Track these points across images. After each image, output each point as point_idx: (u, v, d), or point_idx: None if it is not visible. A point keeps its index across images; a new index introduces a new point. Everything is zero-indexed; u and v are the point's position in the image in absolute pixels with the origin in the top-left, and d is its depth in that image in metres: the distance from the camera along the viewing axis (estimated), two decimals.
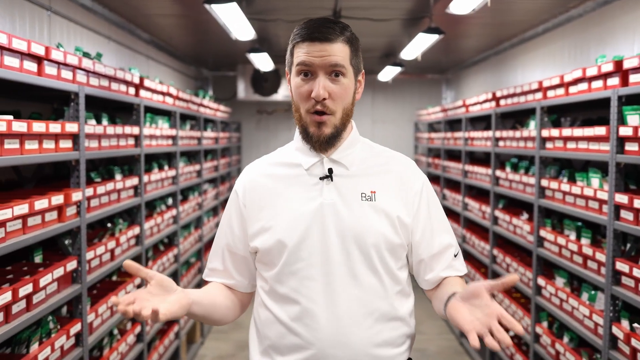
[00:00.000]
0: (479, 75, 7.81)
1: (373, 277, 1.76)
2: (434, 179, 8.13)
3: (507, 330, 1.46)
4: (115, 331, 3.91)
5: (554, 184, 3.93)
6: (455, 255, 1.90)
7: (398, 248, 1.79)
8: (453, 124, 7.25)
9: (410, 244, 1.84)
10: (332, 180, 1.78)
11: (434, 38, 5.40)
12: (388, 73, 8.23)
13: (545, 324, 4.15)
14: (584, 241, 3.64)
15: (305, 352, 1.73)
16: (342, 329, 1.72)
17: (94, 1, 4.68)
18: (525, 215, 4.81)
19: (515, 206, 5.27)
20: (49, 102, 3.82)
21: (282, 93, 8.71)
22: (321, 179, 1.78)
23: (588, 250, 3.48)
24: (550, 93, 4.12)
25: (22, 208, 2.55)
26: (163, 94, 4.82)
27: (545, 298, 4.11)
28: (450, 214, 7.14)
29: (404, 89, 9.77)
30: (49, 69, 2.85)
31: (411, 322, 1.86)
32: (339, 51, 1.72)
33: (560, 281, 3.96)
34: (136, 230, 4.11)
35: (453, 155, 7.33)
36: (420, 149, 9.26)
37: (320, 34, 1.70)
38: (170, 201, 5.27)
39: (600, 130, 3.31)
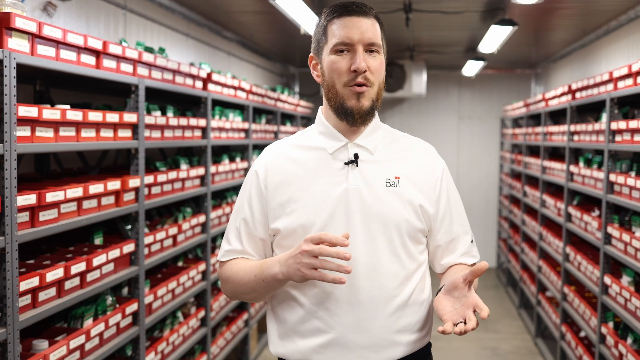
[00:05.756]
0: (567, 69, 7.55)
1: (395, 262, 1.77)
2: (516, 176, 7.93)
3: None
4: (179, 314, 4.09)
5: (620, 179, 3.77)
6: (471, 242, 1.91)
7: (419, 233, 1.82)
8: (536, 119, 7.04)
9: (430, 229, 1.86)
10: (357, 165, 1.80)
11: (507, 30, 5.29)
12: (471, 68, 8.09)
13: (611, 324, 3.99)
14: None
15: (326, 336, 1.75)
16: (363, 314, 1.74)
17: (171, 0, 4.90)
18: (596, 212, 4.64)
19: (590, 203, 5.08)
20: (122, 96, 4.04)
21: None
22: (346, 163, 1.80)
23: None
24: (620, 84, 3.95)
25: (75, 191, 2.74)
26: (234, 88, 4.97)
27: (611, 297, 3.94)
28: (530, 211, 6.96)
29: (492, 85, 9.56)
30: (108, 63, 3.03)
31: (429, 307, 1.87)
32: (374, 26, 1.77)
33: (625, 280, 3.80)
34: (201, 218, 4.28)
35: (535, 151, 7.12)
36: (505, 145, 9.04)
37: (357, 7, 1.77)
38: None
39: None
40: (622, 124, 3.75)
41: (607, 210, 4.04)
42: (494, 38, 5.74)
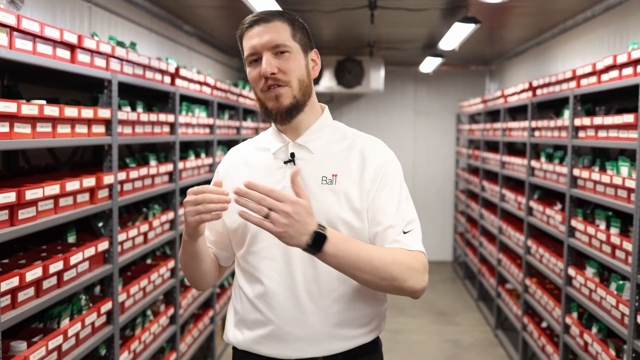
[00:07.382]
0: (522, 66, 7.72)
1: None
2: (473, 170, 8.07)
3: None
4: (149, 312, 4.04)
5: (585, 174, 3.89)
6: (405, 232, 1.81)
7: (359, 231, 1.80)
8: (493, 115, 7.19)
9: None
10: (294, 164, 1.84)
11: (470, 28, 5.38)
12: (429, 64, 8.20)
13: (575, 314, 4.11)
14: (613, 231, 3.60)
15: (266, 328, 1.82)
16: (300, 307, 1.79)
17: None
18: (558, 206, 4.77)
19: (550, 197, 5.22)
20: (89, 91, 3.97)
21: (322, 85, 8.71)
22: (285, 162, 1.85)
23: (616, 240, 3.44)
24: (583, 82, 4.07)
25: (53, 189, 2.68)
26: (200, 83, 4.93)
27: (575, 288, 4.07)
28: (489, 205, 7.10)
29: (447, 81, 9.70)
30: (82, 57, 2.97)
31: (376, 303, 1.88)
32: (277, 29, 1.80)
33: (590, 271, 3.92)
34: (170, 215, 4.24)
35: (493, 147, 7.27)
36: (461, 140, 9.20)
37: (256, 17, 1.82)
38: None
39: (628, 118, 3.27)
40: (586, 121, 3.87)
41: (570, 204, 4.16)
42: (456, 35, 5.83)
